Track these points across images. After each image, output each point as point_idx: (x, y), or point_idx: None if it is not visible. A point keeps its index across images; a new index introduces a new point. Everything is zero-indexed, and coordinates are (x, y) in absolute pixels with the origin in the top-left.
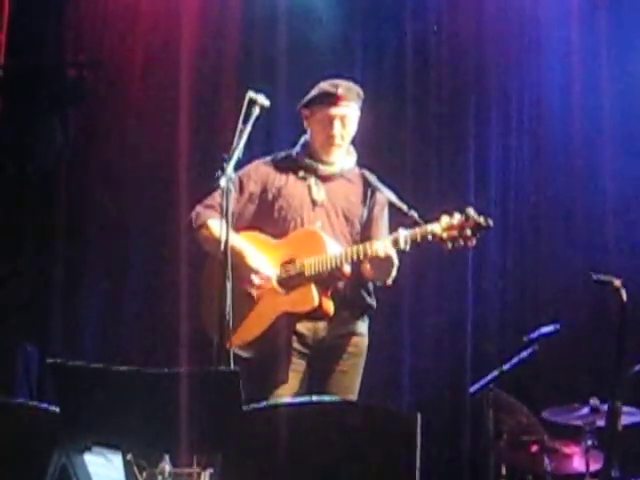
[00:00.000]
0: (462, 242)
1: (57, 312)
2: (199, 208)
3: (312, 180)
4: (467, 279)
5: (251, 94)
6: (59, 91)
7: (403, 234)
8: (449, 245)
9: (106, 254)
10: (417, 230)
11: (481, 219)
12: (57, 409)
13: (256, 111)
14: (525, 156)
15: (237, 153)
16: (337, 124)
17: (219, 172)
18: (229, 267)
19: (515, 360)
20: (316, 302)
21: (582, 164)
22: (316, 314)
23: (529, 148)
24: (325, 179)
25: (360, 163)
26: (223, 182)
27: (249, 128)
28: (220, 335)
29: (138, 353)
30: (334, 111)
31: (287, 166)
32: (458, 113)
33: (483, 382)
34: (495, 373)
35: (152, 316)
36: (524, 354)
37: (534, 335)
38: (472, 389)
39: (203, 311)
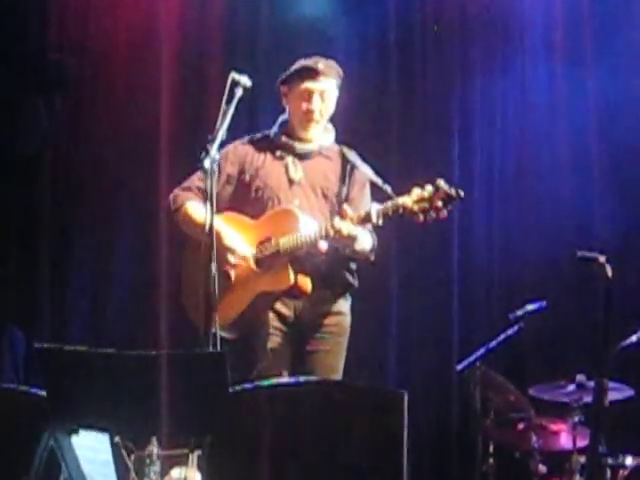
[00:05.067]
0: (433, 214)
1: (44, 295)
2: (177, 191)
3: (289, 159)
4: (453, 257)
5: (234, 75)
6: (43, 75)
7: (375, 209)
8: (420, 217)
9: (93, 237)
10: (389, 204)
11: (452, 190)
12: (44, 393)
13: (239, 92)
14: (510, 133)
15: (220, 134)
16: (316, 99)
17: (203, 153)
18: (214, 250)
19: (501, 338)
20: (292, 281)
21: (567, 140)
22: (293, 292)
23: (514, 124)
24: (303, 157)
25: (340, 140)
26: (207, 163)
27: (232, 109)
28: (206, 317)
29: (125, 336)
30: (313, 85)
31: (265, 146)
32: (443, 86)
33: (470, 360)
34: (481, 351)
35: (139, 300)
36: (510, 332)
37: (520, 312)
38: (459, 367)
39: (183, 295)
